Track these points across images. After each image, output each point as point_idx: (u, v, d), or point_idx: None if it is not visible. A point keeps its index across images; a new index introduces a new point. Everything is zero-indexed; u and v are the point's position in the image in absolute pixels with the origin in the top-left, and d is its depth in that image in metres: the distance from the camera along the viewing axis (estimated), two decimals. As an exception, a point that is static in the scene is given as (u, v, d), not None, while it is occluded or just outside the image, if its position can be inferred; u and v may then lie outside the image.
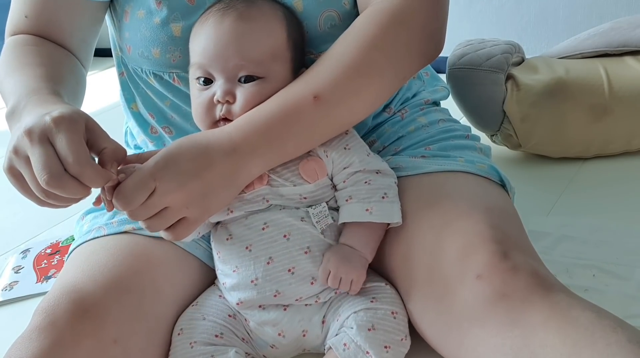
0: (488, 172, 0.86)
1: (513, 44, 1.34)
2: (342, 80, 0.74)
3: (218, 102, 0.77)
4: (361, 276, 0.78)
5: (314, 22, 0.82)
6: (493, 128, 1.29)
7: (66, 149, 0.64)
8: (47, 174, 0.63)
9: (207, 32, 0.77)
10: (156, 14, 0.83)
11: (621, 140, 1.25)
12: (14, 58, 0.84)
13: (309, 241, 0.78)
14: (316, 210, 0.79)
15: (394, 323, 0.76)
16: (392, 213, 0.78)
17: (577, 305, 0.63)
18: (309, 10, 0.82)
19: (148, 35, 0.84)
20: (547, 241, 1.02)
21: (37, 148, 0.64)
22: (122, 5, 0.86)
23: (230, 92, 0.76)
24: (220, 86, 0.77)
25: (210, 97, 0.77)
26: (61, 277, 0.80)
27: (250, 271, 0.78)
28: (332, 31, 0.83)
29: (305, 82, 0.75)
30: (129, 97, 0.94)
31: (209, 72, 0.77)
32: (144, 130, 0.95)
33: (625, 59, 1.29)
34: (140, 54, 0.86)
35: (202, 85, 0.78)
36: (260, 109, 0.75)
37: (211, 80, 0.78)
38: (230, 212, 0.79)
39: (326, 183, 0.80)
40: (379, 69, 0.75)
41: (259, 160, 0.74)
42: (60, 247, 1.28)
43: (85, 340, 0.70)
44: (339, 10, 0.83)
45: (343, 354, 0.74)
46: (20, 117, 0.71)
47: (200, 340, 0.78)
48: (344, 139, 0.81)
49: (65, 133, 0.64)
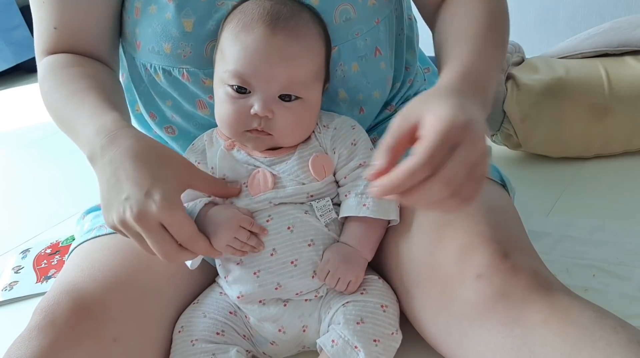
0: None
1: (513, 44, 1.34)
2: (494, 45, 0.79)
3: (256, 116, 0.76)
4: (359, 278, 0.78)
5: (329, 16, 0.83)
6: (493, 128, 1.29)
7: (178, 233, 0.70)
8: (164, 255, 0.71)
9: (255, 41, 0.75)
10: (167, 8, 0.83)
11: (621, 140, 1.25)
12: (61, 84, 0.83)
13: (312, 233, 0.78)
14: (320, 203, 0.79)
15: (384, 317, 0.76)
16: (388, 210, 0.79)
17: (577, 305, 0.63)
18: (325, 4, 0.82)
19: (159, 30, 0.83)
20: (547, 241, 1.02)
21: (153, 235, 0.69)
22: (132, 1, 0.86)
23: (271, 109, 0.76)
24: (259, 100, 0.76)
25: (246, 108, 0.76)
26: (61, 276, 0.80)
27: (253, 264, 0.78)
28: (347, 25, 0.83)
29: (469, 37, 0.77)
30: (132, 99, 0.94)
31: (248, 82, 0.76)
32: (147, 131, 0.95)
33: (626, 59, 1.29)
34: (151, 49, 0.85)
35: (236, 92, 0.77)
36: (455, 63, 0.73)
37: (246, 89, 0.77)
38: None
39: (331, 180, 0.81)
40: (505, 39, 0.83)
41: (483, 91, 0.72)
42: (60, 247, 1.28)
43: (85, 339, 0.71)
44: (353, 4, 0.83)
45: (332, 351, 0.74)
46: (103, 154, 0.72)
47: (201, 338, 0.78)
48: (351, 135, 0.82)
49: (174, 218, 0.69)
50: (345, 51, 0.85)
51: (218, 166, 0.81)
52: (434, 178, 0.58)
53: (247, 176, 0.80)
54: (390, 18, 0.89)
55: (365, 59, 0.86)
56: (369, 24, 0.85)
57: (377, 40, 0.87)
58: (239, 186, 0.79)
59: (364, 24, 0.85)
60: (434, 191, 0.58)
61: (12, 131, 2.21)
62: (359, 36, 0.85)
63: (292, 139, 0.81)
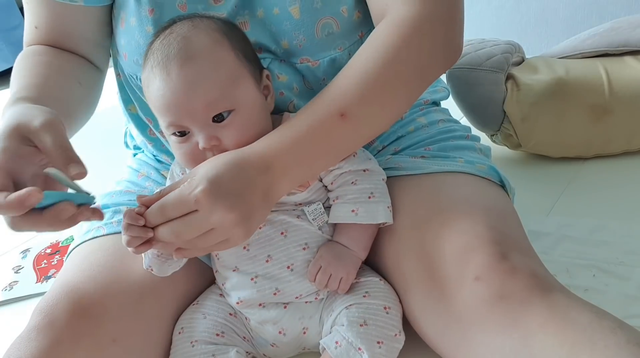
0: (487, 173, 0.86)
1: (513, 44, 1.34)
2: (368, 96, 0.72)
3: (205, 150, 0.74)
4: (350, 275, 0.78)
5: (311, 30, 0.82)
6: (493, 128, 1.29)
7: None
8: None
9: (159, 89, 0.73)
10: (147, 22, 0.82)
11: (621, 140, 1.25)
12: (22, 68, 0.84)
13: (306, 237, 0.78)
14: (311, 208, 0.79)
15: (387, 319, 0.76)
16: (377, 214, 0.78)
17: (576, 306, 0.63)
18: (306, 18, 0.81)
19: (142, 43, 0.83)
20: (547, 241, 1.02)
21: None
22: (118, 11, 0.86)
23: (212, 136, 0.73)
24: (199, 134, 0.73)
25: (194, 148, 0.74)
26: (60, 277, 0.80)
27: (249, 270, 0.78)
28: (329, 39, 0.82)
29: (332, 99, 0.73)
30: (126, 99, 0.94)
31: (180, 126, 0.74)
32: (142, 131, 0.95)
33: (626, 59, 1.29)
34: (135, 62, 0.85)
35: (179, 137, 0.75)
36: (288, 127, 0.72)
37: (184, 131, 0.75)
38: None
39: (318, 186, 0.80)
40: (404, 81, 0.74)
41: (289, 178, 0.72)
42: (60, 247, 1.28)
43: (84, 339, 0.71)
44: (337, 17, 0.82)
45: (335, 352, 0.74)
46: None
47: (201, 339, 0.78)
48: None
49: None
50: (327, 65, 0.84)
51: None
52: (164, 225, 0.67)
53: None
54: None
55: None
56: (352, 37, 0.84)
57: None
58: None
59: (346, 39, 0.83)
60: (163, 234, 0.67)
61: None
62: (342, 50, 0.84)
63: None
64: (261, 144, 0.72)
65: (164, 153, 0.95)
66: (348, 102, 0.72)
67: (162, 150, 0.95)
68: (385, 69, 0.73)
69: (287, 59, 0.84)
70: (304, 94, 0.86)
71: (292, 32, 0.82)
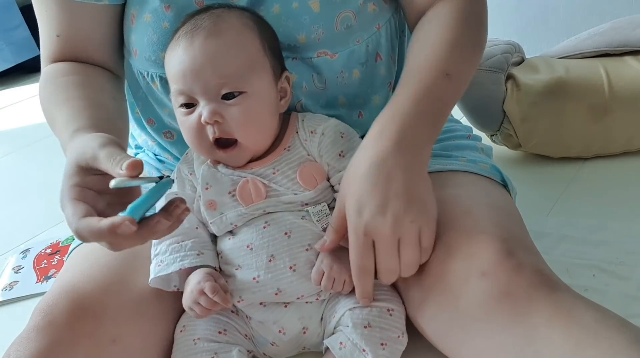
0: (490, 172, 0.86)
1: (513, 44, 1.34)
2: (463, 56, 0.80)
3: (206, 124, 0.75)
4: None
5: (330, 23, 0.82)
6: (493, 128, 1.29)
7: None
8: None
9: (179, 56, 0.76)
10: (164, 17, 0.83)
11: (621, 140, 1.25)
12: (59, 92, 0.83)
13: (309, 238, 0.78)
14: (316, 209, 0.79)
15: (390, 321, 0.76)
16: None
17: (581, 305, 0.63)
18: (326, 11, 0.82)
19: (156, 39, 0.83)
20: (547, 241, 1.02)
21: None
22: (128, 8, 0.86)
23: (217, 111, 0.75)
24: (204, 107, 0.75)
25: (197, 121, 0.76)
26: (60, 277, 0.80)
27: (252, 269, 0.78)
28: (348, 32, 0.83)
29: (435, 62, 0.77)
30: (130, 102, 0.94)
31: (190, 97, 0.76)
32: (145, 132, 0.96)
33: (626, 59, 1.29)
34: (147, 58, 0.85)
35: (185, 109, 0.77)
36: (400, 97, 0.75)
37: (192, 104, 0.77)
38: (235, 226, 0.80)
39: (325, 186, 0.81)
40: (478, 43, 0.84)
41: (421, 138, 0.74)
42: (60, 247, 1.28)
43: (83, 339, 0.70)
44: (355, 10, 0.83)
45: (339, 353, 0.74)
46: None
47: (203, 337, 0.78)
48: (339, 144, 0.81)
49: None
50: (346, 57, 0.85)
51: (201, 178, 0.81)
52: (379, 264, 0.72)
53: (231, 186, 0.79)
54: (391, 22, 0.88)
55: (366, 65, 0.86)
56: (370, 30, 0.85)
57: (378, 45, 0.87)
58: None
59: (364, 31, 0.84)
60: (388, 263, 0.71)
61: (12, 131, 2.21)
62: (360, 43, 0.85)
63: (256, 138, 0.79)
64: (379, 125, 0.74)
65: (167, 152, 0.95)
66: (450, 64, 0.78)
67: (164, 149, 0.95)
68: (466, 34, 0.81)
69: (301, 54, 0.84)
70: (312, 93, 0.87)
71: (311, 25, 0.82)
